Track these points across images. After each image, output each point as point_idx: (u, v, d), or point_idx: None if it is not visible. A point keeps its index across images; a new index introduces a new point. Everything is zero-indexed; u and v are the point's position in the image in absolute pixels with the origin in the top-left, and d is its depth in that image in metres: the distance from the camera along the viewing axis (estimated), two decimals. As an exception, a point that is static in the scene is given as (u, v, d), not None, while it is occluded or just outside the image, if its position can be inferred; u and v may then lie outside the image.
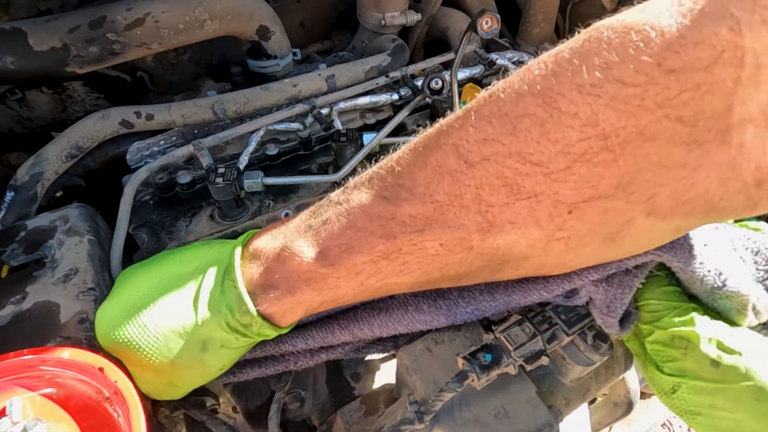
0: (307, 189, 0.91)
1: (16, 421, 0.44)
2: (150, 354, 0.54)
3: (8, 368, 0.50)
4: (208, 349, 0.54)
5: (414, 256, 0.44)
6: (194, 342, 0.53)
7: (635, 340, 0.60)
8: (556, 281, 0.55)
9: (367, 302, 0.67)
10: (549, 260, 0.43)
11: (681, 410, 0.52)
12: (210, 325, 0.53)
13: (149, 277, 0.61)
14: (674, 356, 0.52)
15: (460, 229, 0.41)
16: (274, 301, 0.52)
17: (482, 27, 0.76)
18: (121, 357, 0.56)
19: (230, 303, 0.52)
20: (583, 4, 1.61)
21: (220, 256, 0.56)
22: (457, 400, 0.63)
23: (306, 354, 0.68)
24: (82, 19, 0.92)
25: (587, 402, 0.78)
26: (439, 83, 0.88)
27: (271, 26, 1.13)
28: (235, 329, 0.53)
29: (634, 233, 0.38)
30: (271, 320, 0.54)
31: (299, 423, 0.84)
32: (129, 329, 0.54)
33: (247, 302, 0.51)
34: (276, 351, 0.66)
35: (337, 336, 0.65)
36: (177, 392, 0.61)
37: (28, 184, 0.88)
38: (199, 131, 1.01)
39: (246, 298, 0.51)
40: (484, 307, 0.63)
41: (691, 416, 0.51)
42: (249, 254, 0.54)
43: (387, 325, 0.64)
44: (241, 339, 0.54)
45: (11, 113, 1.07)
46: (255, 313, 0.51)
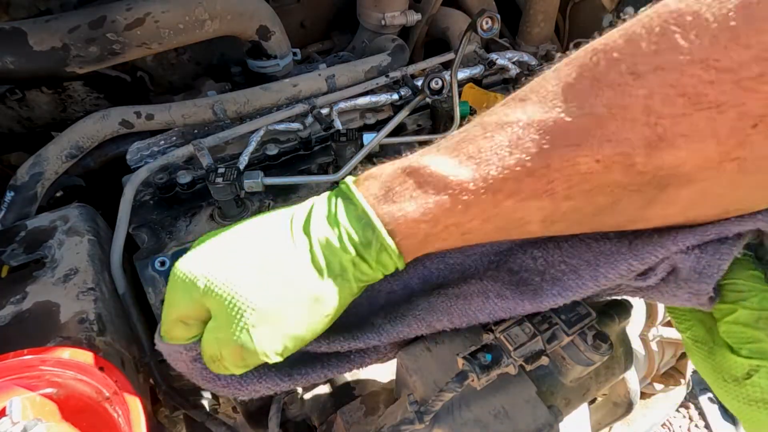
0: (307, 189, 0.91)
1: (16, 421, 0.45)
2: (256, 298, 0.47)
3: (8, 368, 0.50)
4: (323, 280, 0.48)
5: (562, 174, 0.40)
6: (308, 275, 0.47)
7: (700, 325, 0.56)
8: (648, 249, 0.50)
9: (442, 290, 0.61)
10: (713, 189, 0.40)
11: (751, 399, 0.48)
12: (327, 252, 0.47)
13: (243, 230, 0.53)
14: (757, 337, 0.49)
15: (622, 144, 0.37)
16: (397, 216, 0.46)
17: (482, 27, 0.76)
18: (220, 311, 0.48)
19: (349, 219, 0.47)
20: (583, 4, 1.61)
21: (319, 199, 0.51)
22: (457, 400, 0.63)
23: (376, 351, 0.62)
24: (82, 19, 0.92)
25: (587, 402, 0.78)
26: (439, 83, 0.88)
27: (271, 26, 1.13)
28: (356, 247, 0.47)
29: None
30: (393, 237, 0.47)
31: (299, 423, 0.84)
32: (230, 273, 0.48)
33: (369, 213, 0.46)
34: (347, 346, 0.59)
35: (414, 328, 0.59)
36: (278, 344, 0.49)
37: (28, 184, 0.88)
38: (199, 131, 1.01)
39: (368, 209, 0.46)
40: (570, 287, 0.58)
41: (763, 405, 0.48)
42: (363, 178, 0.50)
43: (467, 314, 0.59)
44: (358, 269, 0.48)
45: (11, 113, 1.07)
46: (378, 225, 0.46)
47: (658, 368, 1.16)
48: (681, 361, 1.23)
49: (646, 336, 1.06)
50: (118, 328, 0.70)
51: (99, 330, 0.64)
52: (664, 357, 1.15)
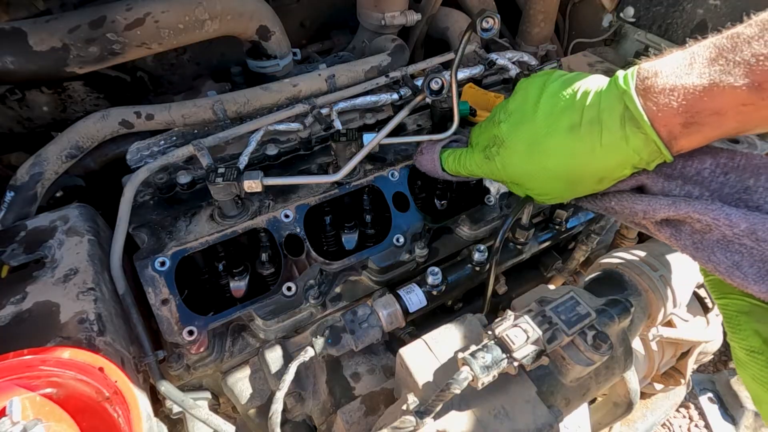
0: (307, 189, 0.91)
1: (16, 421, 0.45)
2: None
3: (8, 368, 0.50)
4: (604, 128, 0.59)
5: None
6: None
7: (756, 336, 0.56)
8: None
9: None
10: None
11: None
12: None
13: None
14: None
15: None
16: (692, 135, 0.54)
17: (482, 27, 0.76)
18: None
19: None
20: (583, 4, 1.61)
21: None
22: (457, 400, 0.63)
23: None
24: (82, 19, 0.92)
25: (587, 402, 0.78)
26: (439, 83, 0.88)
27: (271, 26, 1.13)
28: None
29: None
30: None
31: (299, 423, 0.84)
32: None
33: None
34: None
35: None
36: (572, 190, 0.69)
37: (28, 184, 0.88)
38: (199, 131, 1.01)
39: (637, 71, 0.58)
40: None
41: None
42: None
43: None
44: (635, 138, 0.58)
45: (11, 113, 1.07)
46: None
47: (658, 368, 1.16)
48: (681, 361, 1.23)
49: (646, 336, 1.06)
50: (118, 328, 0.70)
51: (99, 330, 0.64)
52: (664, 357, 1.15)
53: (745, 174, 0.60)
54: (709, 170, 0.62)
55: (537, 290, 0.86)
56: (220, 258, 0.93)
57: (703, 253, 0.59)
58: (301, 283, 0.84)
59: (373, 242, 0.99)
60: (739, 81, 0.50)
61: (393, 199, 0.94)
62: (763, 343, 0.54)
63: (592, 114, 0.61)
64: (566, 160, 0.65)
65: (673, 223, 0.63)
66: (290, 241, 0.87)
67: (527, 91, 0.71)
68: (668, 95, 0.55)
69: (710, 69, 0.52)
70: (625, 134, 0.59)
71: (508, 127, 0.71)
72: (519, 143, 0.70)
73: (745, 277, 0.55)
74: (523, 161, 0.70)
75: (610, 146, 0.61)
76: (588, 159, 0.63)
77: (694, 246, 0.60)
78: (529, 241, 1.01)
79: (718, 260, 0.57)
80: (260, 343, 0.84)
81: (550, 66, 1.17)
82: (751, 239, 0.55)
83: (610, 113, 0.59)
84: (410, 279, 0.91)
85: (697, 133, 0.56)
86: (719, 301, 0.61)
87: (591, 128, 0.61)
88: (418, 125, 1.07)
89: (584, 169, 0.65)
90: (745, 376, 0.57)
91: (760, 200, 0.58)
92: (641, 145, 0.59)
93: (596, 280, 0.95)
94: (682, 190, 0.63)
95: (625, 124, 0.59)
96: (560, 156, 0.65)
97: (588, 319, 0.66)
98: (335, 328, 0.80)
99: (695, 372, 1.98)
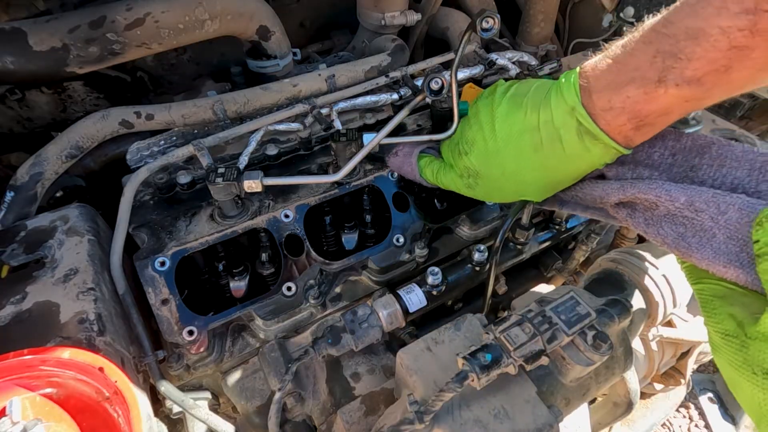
0: (307, 189, 0.91)
1: (16, 421, 0.45)
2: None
3: (8, 368, 0.50)
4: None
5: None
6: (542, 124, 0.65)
7: (730, 319, 0.57)
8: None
9: None
10: None
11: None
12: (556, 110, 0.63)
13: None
14: None
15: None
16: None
17: (482, 27, 0.76)
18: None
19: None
20: (583, 4, 1.61)
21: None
22: (457, 400, 0.63)
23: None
24: (82, 19, 0.92)
25: (587, 402, 0.78)
26: (439, 83, 0.88)
27: (271, 26, 1.13)
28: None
29: None
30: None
31: (299, 423, 0.84)
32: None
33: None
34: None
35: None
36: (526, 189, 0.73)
37: (28, 184, 0.88)
38: (199, 131, 1.01)
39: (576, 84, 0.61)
40: None
41: None
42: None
43: None
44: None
45: (11, 113, 1.07)
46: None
47: (658, 368, 1.16)
48: (681, 361, 1.23)
49: (646, 336, 1.06)
50: (118, 328, 0.70)
51: (99, 330, 0.64)
52: (664, 357, 1.15)
53: (691, 154, 0.66)
54: (658, 153, 0.68)
55: (537, 290, 0.86)
56: (220, 258, 0.93)
57: (653, 229, 0.64)
58: (301, 283, 0.84)
59: (373, 242, 0.99)
60: (678, 81, 0.53)
61: (393, 199, 0.94)
62: (737, 326, 0.55)
63: (551, 132, 0.65)
64: (541, 174, 0.71)
65: (628, 204, 0.68)
66: (290, 241, 0.87)
67: (479, 117, 0.75)
68: (613, 109, 0.59)
69: (648, 73, 0.55)
70: (585, 146, 0.64)
71: (477, 159, 0.75)
72: (494, 173, 0.75)
73: (689, 246, 0.59)
74: (505, 186, 0.76)
75: (575, 157, 0.66)
76: (560, 167, 0.69)
77: (645, 223, 0.65)
78: (529, 241, 1.01)
79: (666, 233, 0.62)
80: (260, 343, 0.84)
81: (550, 66, 1.17)
82: (691, 210, 0.59)
83: (566, 130, 0.64)
84: (410, 279, 0.91)
85: (650, 131, 0.61)
86: (695, 286, 0.62)
87: (553, 146, 0.66)
88: (418, 125, 1.07)
89: (560, 176, 0.71)
90: (721, 360, 0.58)
91: (705, 176, 0.64)
92: (602, 152, 0.64)
93: (596, 280, 0.95)
94: (634, 173, 0.68)
95: (583, 137, 0.63)
96: (535, 174, 0.71)
97: (588, 319, 0.66)
98: (335, 328, 0.80)
99: (695, 372, 1.98)
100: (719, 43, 0.49)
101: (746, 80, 0.52)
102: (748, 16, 0.46)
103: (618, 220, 0.70)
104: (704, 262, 0.58)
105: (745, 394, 0.53)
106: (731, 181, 0.62)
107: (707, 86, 0.53)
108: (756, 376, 0.51)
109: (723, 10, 0.47)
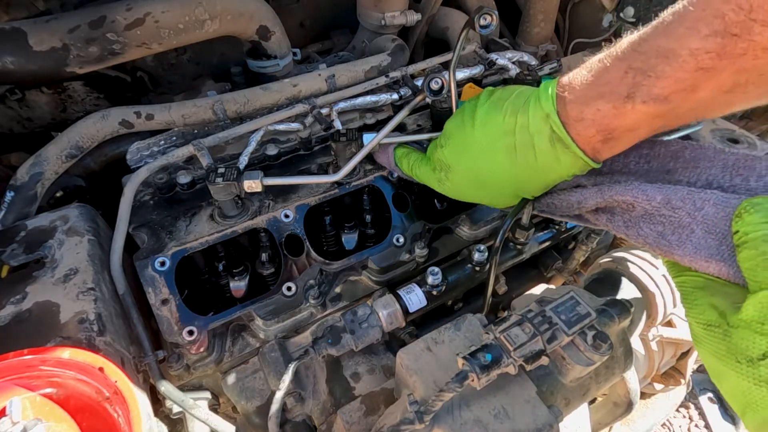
0: (307, 189, 0.91)
1: (16, 421, 0.45)
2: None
3: (8, 368, 0.50)
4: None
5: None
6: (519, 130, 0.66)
7: (712, 310, 0.57)
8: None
9: None
10: None
11: (762, 380, 0.50)
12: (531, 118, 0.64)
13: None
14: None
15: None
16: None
17: (479, 24, 0.76)
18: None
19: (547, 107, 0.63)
20: (583, 4, 1.61)
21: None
22: (457, 400, 0.63)
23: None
24: (82, 19, 0.92)
25: (587, 402, 0.78)
26: (439, 83, 0.88)
27: (271, 26, 1.13)
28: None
29: None
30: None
31: (299, 423, 0.84)
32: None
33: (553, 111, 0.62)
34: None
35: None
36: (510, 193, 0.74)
37: (28, 184, 0.88)
38: (199, 131, 1.01)
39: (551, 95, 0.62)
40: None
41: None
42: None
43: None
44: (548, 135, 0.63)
45: (11, 113, 1.07)
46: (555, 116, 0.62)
47: (658, 368, 1.16)
48: (681, 361, 1.23)
49: (646, 336, 1.06)
50: (118, 328, 0.70)
51: (99, 330, 0.64)
52: (664, 357, 1.15)
53: (666, 159, 0.68)
54: (633, 162, 0.70)
55: (537, 290, 0.86)
56: (220, 258, 0.93)
57: (633, 230, 0.64)
58: (301, 283, 0.84)
59: (373, 242, 0.99)
60: (646, 98, 0.54)
61: (393, 199, 0.94)
62: (719, 316, 0.55)
63: (525, 138, 0.67)
64: (510, 180, 0.72)
65: (606, 209, 0.69)
66: (290, 241, 0.87)
67: (462, 115, 0.76)
68: (584, 120, 0.61)
69: (618, 88, 0.56)
70: (556, 154, 0.65)
71: (451, 153, 0.76)
72: (464, 170, 0.76)
73: (669, 244, 0.60)
74: (472, 186, 0.77)
75: (545, 166, 0.67)
76: (528, 176, 0.70)
77: (625, 225, 0.66)
78: (529, 241, 1.01)
79: (646, 234, 0.62)
80: (260, 343, 0.84)
81: (550, 66, 1.17)
82: (668, 208, 0.60)
83: (540, 136, 0.65)
84: (410, 279, 0.91)
85: (617, 146, 0.63)
86: (676, 279, 0.63)
87: (525, 152, 0.67)
88: (418, 125, 1.07)
89: (527, 185, 0.72)
90: (704, 352, 0.58)
91: (680, 177, 0.66)
92: (571, 162, 0.65)
93: (596, 280, 0.95)
94: (611, 180, 0.70)
95: (555, 144, 0.64)
96: (504, 177, 0.72)
97: (588, 319, 0.66)
98: (335, 328, 0.80)
99: (695, 372, 1.98)
100: (687, 64, 0.50)
101: (713, 101, 0.53)
102: (717, 39, 0.47)
103: (597, 225, 0.71)
104: (686, 258, 0.58)
105: (730, 384, 0.53)
106: (705, 179, 0.64)
107: (674, 104, 0.54)
108: (740, 364, 0.51)
109: (693, 32, 0.49)
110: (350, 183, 0.92)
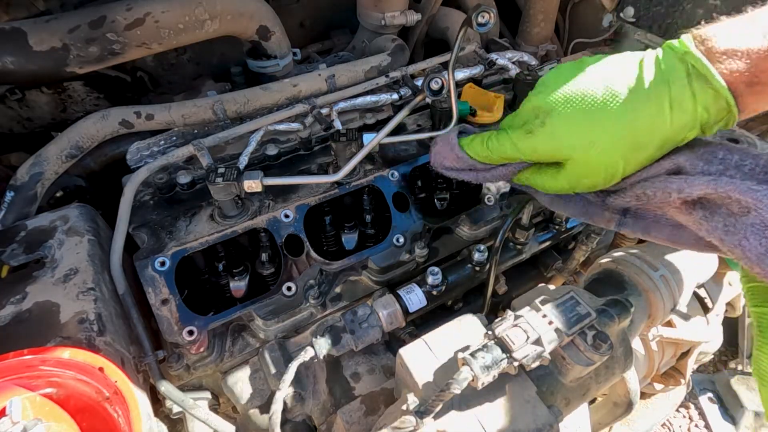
0: (307, 189, 0.91)
1: (16, 421, 0.45)
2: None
3: (8, 368, 0.50)
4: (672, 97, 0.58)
5: None
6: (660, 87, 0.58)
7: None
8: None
9: None
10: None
11: None
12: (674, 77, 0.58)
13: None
14: None
15: None
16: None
17: (478, 22, 0.76)
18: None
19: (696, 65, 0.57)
20: (583, 4, 1.61)
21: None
22: (457, 400, 0.63)
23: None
24: (82, 19, 0.92)
25: (587, 402, 0.78)
26: (439, 83, 0.88)
27: (271, 26, 1.13)
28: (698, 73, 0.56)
29: None
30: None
31: (299, 423, 0.84)
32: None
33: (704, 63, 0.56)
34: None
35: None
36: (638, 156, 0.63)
37: (28, 184, 0.88)
38: (199, 131, 1.01)
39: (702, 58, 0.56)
40: None
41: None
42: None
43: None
44: (696, 100, 0.57)
45: (11, 113, 1.07)
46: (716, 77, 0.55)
47: (658, 368, 1.16)
48: (681, 361, 1.23)
49: (646, 336, 1.06)
50: (118, 328, 0.70)
51: (99, 330, 0.64)
52: (664, 357, 1.15)
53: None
54: (749, 166, 0.60)
55: (537, 290, 0.86)
56: (220, 258, 0.93)
57: (733, 237, 0.55)
58: (301, 283, 0.84)
59: (373, 242, 0.99)
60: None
61: (393, 199, 0.94)
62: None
63: (655, 74, 0.59)
64: (630, 123, 0.60)
65: (708, 205, 0.59)
66: (290, 241, 0.87)
67: (560, 68, 0.67)
68: (732, 55, 0.54)
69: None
70: (692, 91, 0.57)
71: (556, 94, 0.64)
72: (573, 108, 0.63)
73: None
74: (579, 127, 0.63)
75: (679, 105, 0.58)
76: (654, 120, 0.60)
77: (725, 229, 0.56)
78: (529, 241, 1.01)
79: (750, 246, 0.53)
80: (260, 343, 0.84)
81: (550, 66, 1.17)
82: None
83: (674, 73, 0.58)
84: (410, 279, 0.91)
85: (761, 93, 0.55)
86: (757, 309, 0.57)
87: (657, 88, 0.59)
88: (418, 125, 1.07)
89: (649, 133, 0.61)
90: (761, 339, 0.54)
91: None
92: (710, 101, 0.57)
93: (596, 280, 0.95)
94: (722, 174, 0.60)
95: (692, 81, 0.57)
96: (624, 118, 0.60)
97: (588, 319, 0.66)
98: (335, 328, 0.80)
99: (695, 372, 1.98)
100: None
101: None
102: None
103: (686, 219, 0.62)
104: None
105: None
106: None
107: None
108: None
109: None
110: (350, 183, 0.92)
